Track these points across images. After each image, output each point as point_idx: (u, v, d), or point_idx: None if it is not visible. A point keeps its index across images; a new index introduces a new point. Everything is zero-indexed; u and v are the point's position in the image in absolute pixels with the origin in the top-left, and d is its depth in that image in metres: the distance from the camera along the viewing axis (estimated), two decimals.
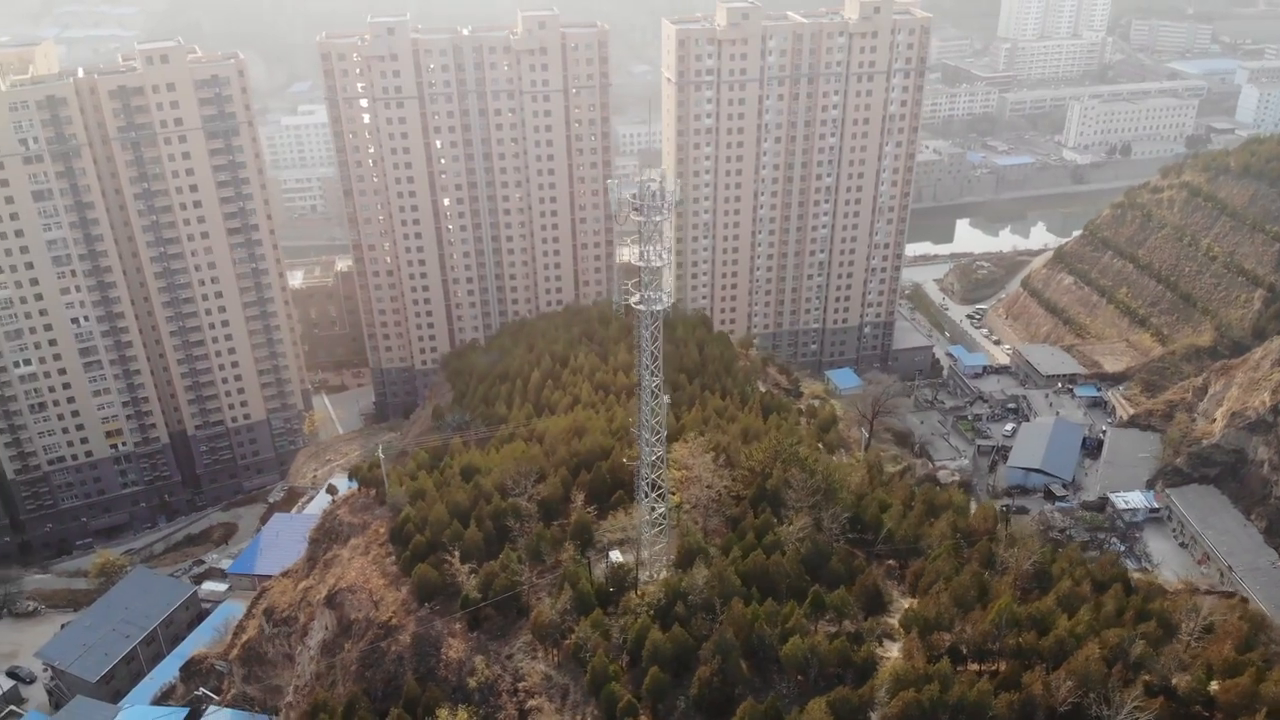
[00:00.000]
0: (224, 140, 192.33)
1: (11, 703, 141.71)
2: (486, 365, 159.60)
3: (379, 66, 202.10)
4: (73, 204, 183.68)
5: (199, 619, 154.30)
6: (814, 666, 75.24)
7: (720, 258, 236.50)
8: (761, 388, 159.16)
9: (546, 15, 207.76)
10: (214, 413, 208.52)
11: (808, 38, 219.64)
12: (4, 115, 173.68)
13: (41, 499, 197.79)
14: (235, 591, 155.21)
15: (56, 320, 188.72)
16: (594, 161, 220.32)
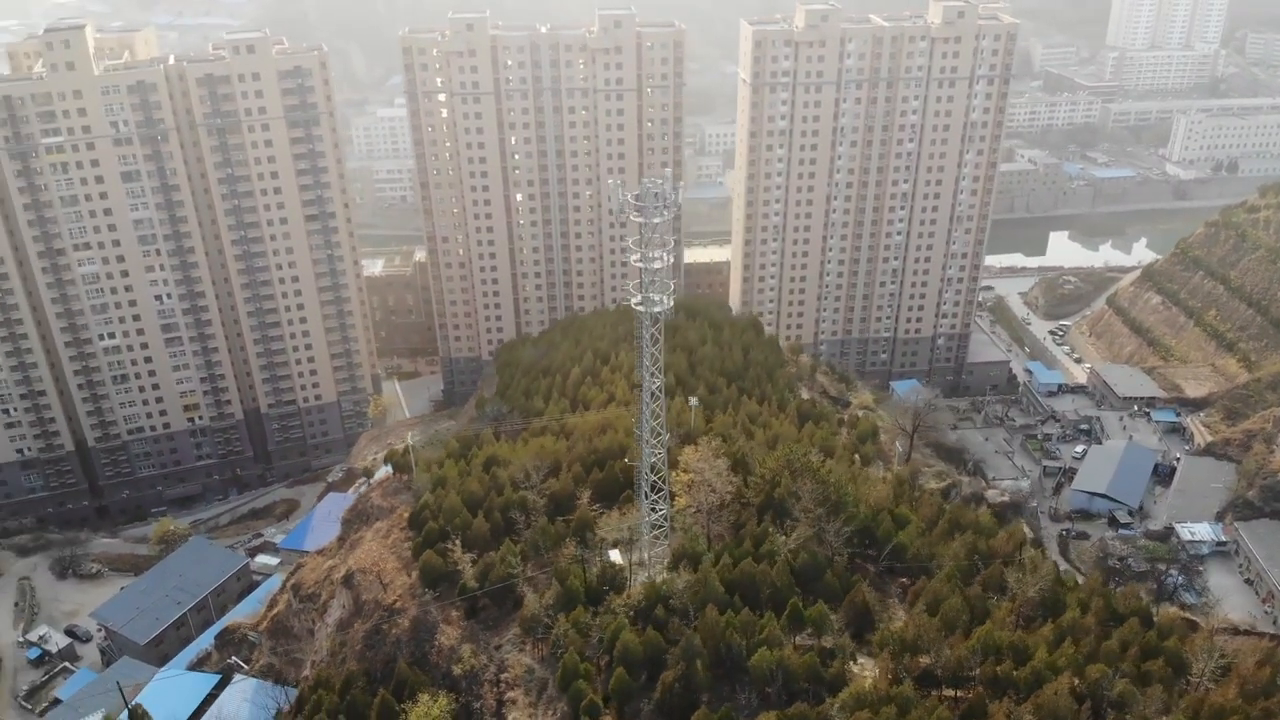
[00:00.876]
0: (304, 130, 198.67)
1: (67, 659, 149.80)
2: (532, 359, 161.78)
3: (457, 62, 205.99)
4: (159, 186, 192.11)
5: (249, 590, 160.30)
6: (778, 679, 74.55)
7: (789, 261, 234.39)
8: (805, 395, 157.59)
9: (623, 14, 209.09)
10: (286, 392, 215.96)
11: (888, 41, 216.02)
12: (96, 98, 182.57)
13: (120, 467, 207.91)
14: (284, 566, 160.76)
15: (141, 297, 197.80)
16: (665, 161, 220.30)
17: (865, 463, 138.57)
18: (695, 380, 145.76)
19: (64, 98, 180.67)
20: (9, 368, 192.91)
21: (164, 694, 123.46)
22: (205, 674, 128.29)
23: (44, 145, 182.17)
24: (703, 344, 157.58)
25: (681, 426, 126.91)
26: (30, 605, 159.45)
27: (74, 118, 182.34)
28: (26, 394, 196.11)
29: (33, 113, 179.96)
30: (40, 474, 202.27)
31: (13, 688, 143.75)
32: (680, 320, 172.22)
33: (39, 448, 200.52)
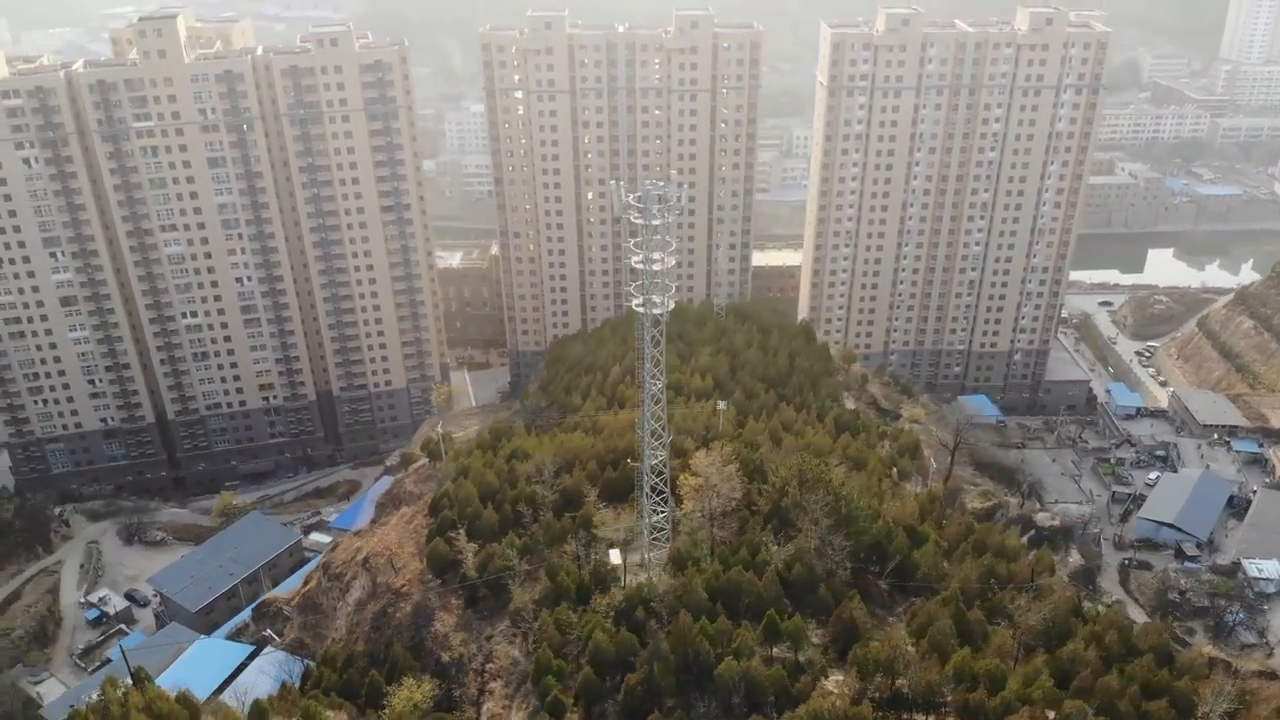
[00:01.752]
0: (383, 123, 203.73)
1: (123, 622, 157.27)
2: (578, 356, 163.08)
3: (535, 60, 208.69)
4: (243, 172, 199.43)
5: (300, 566, 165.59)
6: (741, 690, 73.84)
7: (861, 268, 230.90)
8: (849, 405, 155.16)
9: (700, 15, 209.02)
10: (358, 377, 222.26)
11: (971, 47, 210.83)
12: (186, 85, 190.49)
13: (197, 440, 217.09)
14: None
15: (222, 278, 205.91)
16: (737, 163, 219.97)
17: (902, 477, 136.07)
18: (734, 384, 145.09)
19: (155, 84, 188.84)
20: (96, 341, 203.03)
21: (200, 660, 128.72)
22: (241, 644, 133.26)
23: (135, 129, 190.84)
24: (748, 348, 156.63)
25: (710, 430, 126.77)
26: (95, 568, 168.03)
27: (164, 104, 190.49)
28: (111, 366, 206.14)
29: (125, 97, 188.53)
30: (121, 443, 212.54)
31: (70, 646, 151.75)
32: (729, 323, 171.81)
33: (121, 418, 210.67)
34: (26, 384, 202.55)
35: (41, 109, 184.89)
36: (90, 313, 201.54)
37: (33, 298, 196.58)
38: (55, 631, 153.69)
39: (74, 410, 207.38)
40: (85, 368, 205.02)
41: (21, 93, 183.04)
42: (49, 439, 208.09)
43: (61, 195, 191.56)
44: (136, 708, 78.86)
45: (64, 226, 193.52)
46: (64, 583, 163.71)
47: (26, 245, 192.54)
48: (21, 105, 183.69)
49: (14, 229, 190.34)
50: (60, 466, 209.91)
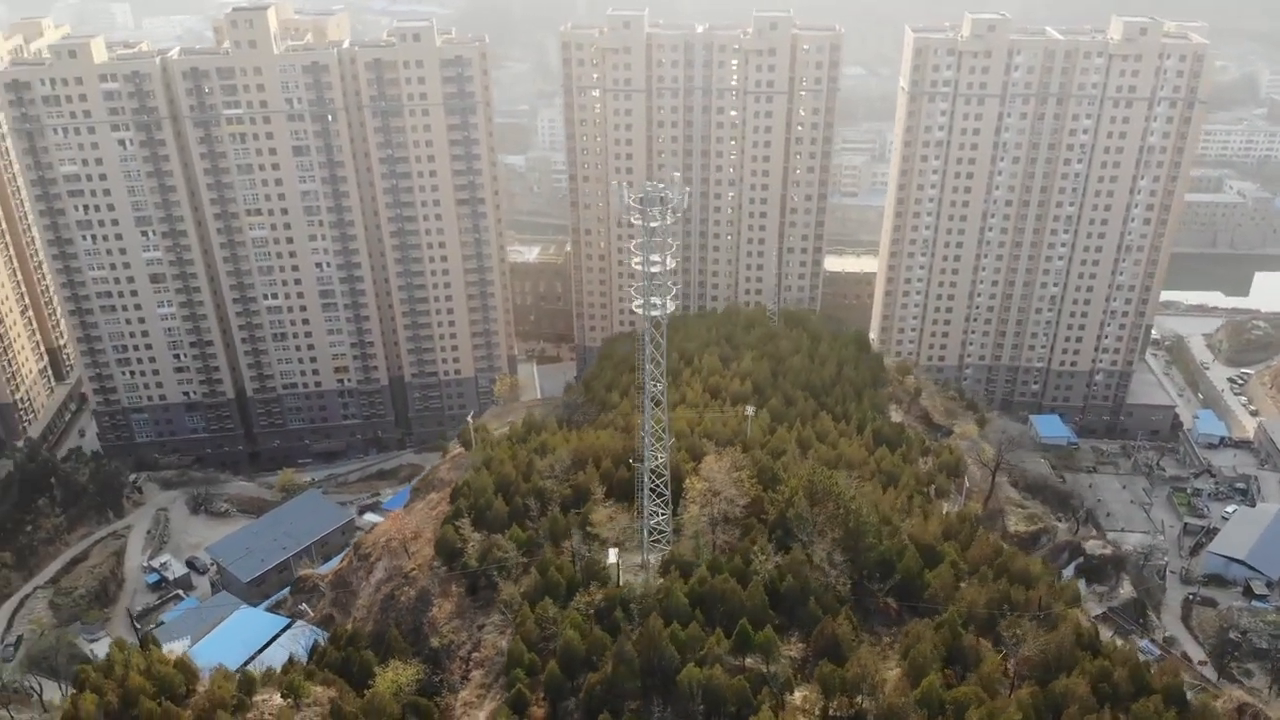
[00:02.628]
0: (461, 118, 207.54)
1: (181, 587, 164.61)
2: (624, 353, 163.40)
3: (612, 59, 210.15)
4: (325, 161, 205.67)
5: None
6: (698, 698, 73.39)
7: (937, 278, 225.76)
8: (897, 418, 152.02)
9: (780, 16, 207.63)
10: (429, 364, 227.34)
11: (1060, 55, 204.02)
12: (275, 75, 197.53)
13: (273, 417, 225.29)
14: None
15: (303, 263, 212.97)
16: (812, 166, 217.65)
17: (939, 495, 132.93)
18: (773, 391, 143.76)
19: (245, 73, 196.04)
20: (182, 317, 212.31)
21: (238, 628, 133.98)
22: (278, 616, 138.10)
23: (225, 115, 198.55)
24: (794, 354, 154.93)
25: (737, 435, 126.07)
26: (161, 535, 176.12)
27: (253, 92, 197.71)
28: (195, 342, 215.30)
29: (217, 84, 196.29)
30: (202, 416, 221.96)
31: (129, 607, 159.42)
32: (779, 328, 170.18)
33: (203, 393, 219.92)
34: (115, 355, 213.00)
35: (137, 93, 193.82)
36: (177, 290, 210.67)
37: (124, 273, 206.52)
38: (116, 593, 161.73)
39: (159, 383, 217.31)
40: (171, 342, 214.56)
41: (119, 77, 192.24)
42: (134, 409, 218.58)
43: (154, 177, 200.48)
44: (137, 669, 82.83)
45: (155, 207, 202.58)
46: (130, 546, 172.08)
47: (120, 223, 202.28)
48: (118, 89, 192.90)
49: (108, 207, 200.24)
50: (144, 436, 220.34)
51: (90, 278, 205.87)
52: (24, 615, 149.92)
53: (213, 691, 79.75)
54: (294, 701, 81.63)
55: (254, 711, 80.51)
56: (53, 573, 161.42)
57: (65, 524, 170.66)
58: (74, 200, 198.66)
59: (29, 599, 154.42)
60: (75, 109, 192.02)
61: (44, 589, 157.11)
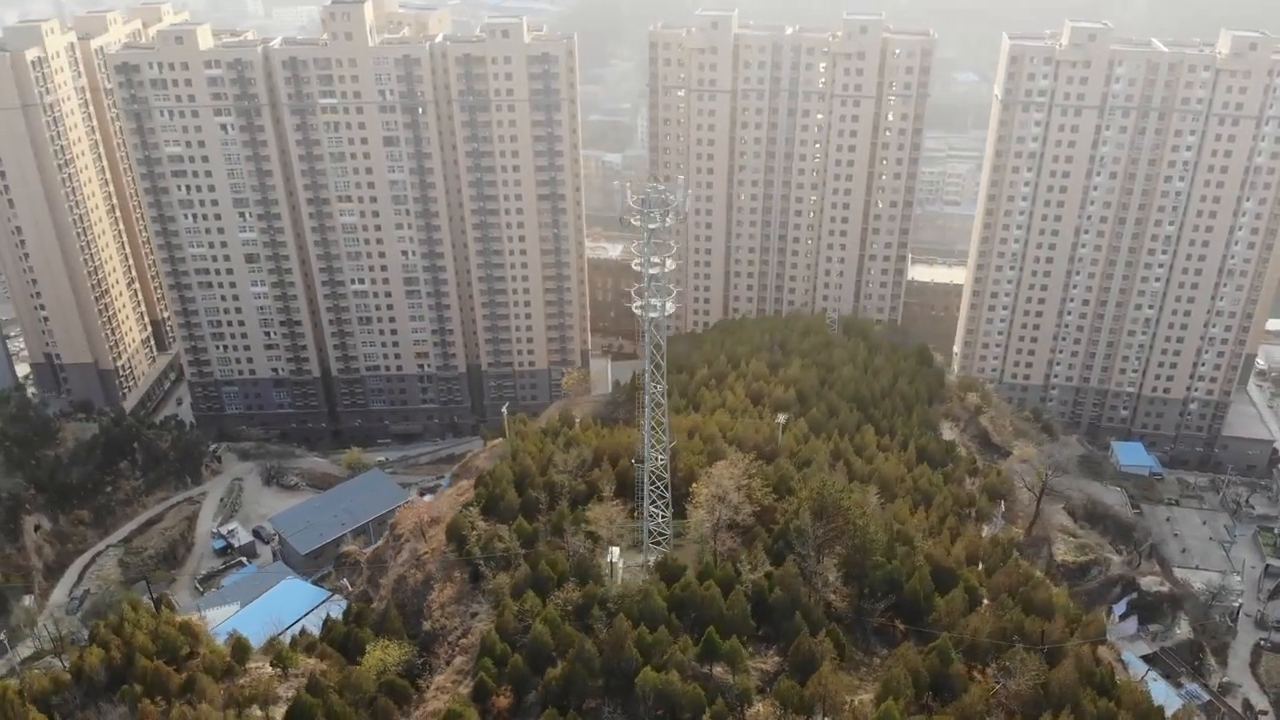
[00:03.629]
0: (546, 114, 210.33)
1: (245, 555, 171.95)
2: (679, 354, 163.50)
3: (698, 59, 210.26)
4: (414, 153, 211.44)
5: None
6: (649, 701, 73.09)
7: (1025, 293, 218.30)
8: (949, 435, 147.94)
9: (870, 19, 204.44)
10: (505, 354, 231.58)
11: (1164, 69, 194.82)
12: (369, 67, 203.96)
13: (356, 397, 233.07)
14: None
15: (389, 250, 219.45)
16: (898, 172, 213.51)
17: (980, 518, 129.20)
18: (818, 400, 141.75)
19: (340, 64, 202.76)
20: (273, 297, 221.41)
21: (281, 598, 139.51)
22: (320, 589, 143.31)
23: (321, 105, 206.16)
24: (846, 364, 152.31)
25: (769, 443, 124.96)
26: (232, 503, 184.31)
27: (348, 83, 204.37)
28: (285, 321, 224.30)
29: (314, 74, 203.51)
30: (288, 393, 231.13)
31: (195, 570, 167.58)
32: (836, 336, 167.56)
33: (290, 370, 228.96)
34: (210, 330, 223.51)
35: (239, 80, 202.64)
36: (270, 270, 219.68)
37: (221, 252, 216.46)
38: (185, 556, 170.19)
39: (249, 358, 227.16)
40: (262, 320, 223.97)
41: (222, 64, 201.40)
42: (225, 381, 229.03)
43: (252, 161, 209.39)
44: (144, 629, 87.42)
45: (252, 190, 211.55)
46: (203, 513, 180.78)
47: (219, 204, 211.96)
48: (222, 75, 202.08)
49: (209, 188, 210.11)
50: (233, 408, 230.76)
51: (190, 255, 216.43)
52: (94, 571, 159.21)
53: (207, 656, 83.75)
54: (282, 671, 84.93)
55: (245, 678, 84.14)
56: (127, 533, 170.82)
57: (144, 487, 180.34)
58: (177, 180, 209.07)
59: (101, 556, 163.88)
60: (180, 93, 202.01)
61: (116, 547, 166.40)
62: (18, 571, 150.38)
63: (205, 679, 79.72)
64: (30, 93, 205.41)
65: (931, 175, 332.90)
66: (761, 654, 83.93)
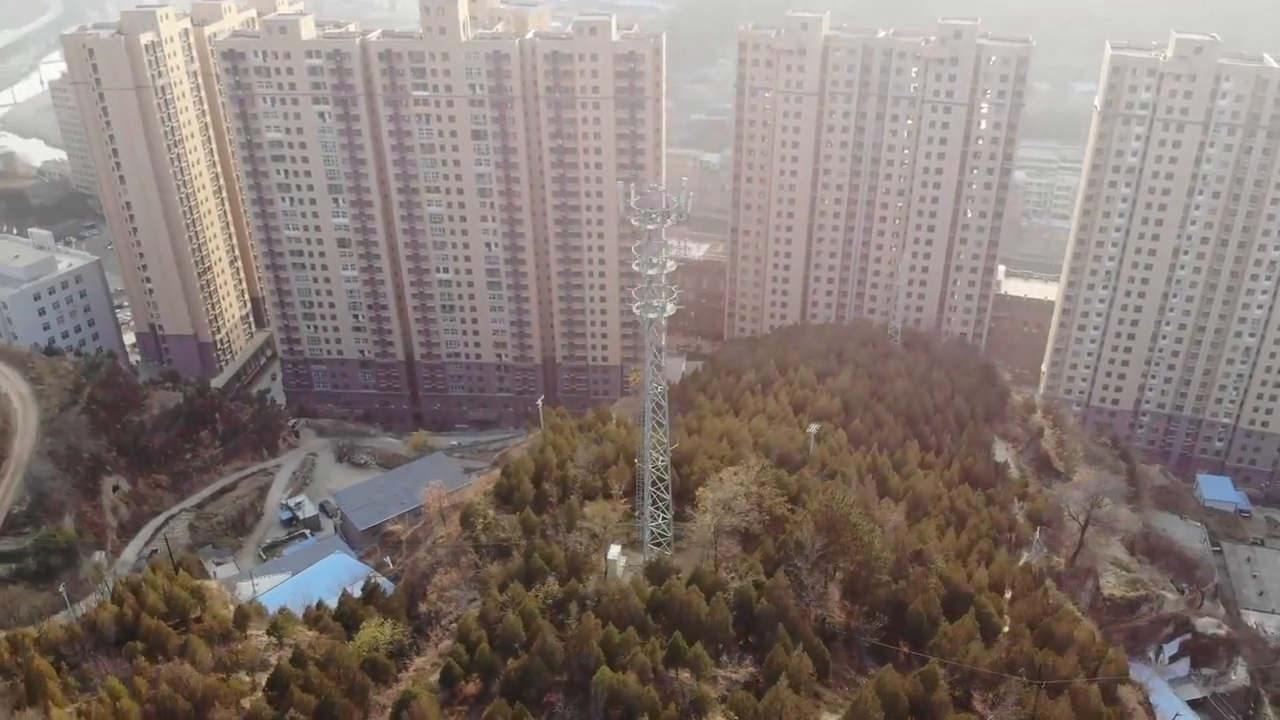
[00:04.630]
0: (630, 112, 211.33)
1: (309, 527, 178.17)
2: (731, 358, 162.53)
3: (786, 60, 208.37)
4: (500, 147, 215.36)
5: None
6: (599, 700, 73.07)
7: (1118, 314, 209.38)
8: (1004, 457, 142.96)
9: (965, 25, 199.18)
10: (579, 349, 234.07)
11: (1274, 85, 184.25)
12: (460, 61, 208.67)
13: (436, 382, 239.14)
14: None
15: (473, 241, 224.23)
16: (989, 182, 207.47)
17: (1020, 544, 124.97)
18: (864, 412, 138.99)
19: (433, 58, 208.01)
20: (362, 281, 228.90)
21: (327, 571, 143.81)
22: (363, 565, 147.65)
23: (414, 96, 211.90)
24: (901, 377, 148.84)
25: (801, 453, 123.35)
26: (304, 477, 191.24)
27: (439, 76, 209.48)
28: (372, 305, 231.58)
29: (408, 67, 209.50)
30: (373, 374, 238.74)
31: (260, 539, 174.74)
32: (896, 348, 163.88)
33: (375, 352, 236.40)
34: (302, 310, 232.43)
35: (337, 70, 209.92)
36: (360, 256, 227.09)
37: (315, 235, 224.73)
38: (252, 524, 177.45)
39: (338, 339, 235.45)
40: (351, 303, 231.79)
41: (322, 54, 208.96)
42: (314, 360, 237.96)
43: (346, 149, 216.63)
44: (155, 586, 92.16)
45: (346, 177, 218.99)
46: (275, 484, 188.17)
47: (315, 189, 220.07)
48: (321, 65, 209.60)
49: (305, 174, 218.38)
50: (321, 386, 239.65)
51: (286, 237, 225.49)
52: (165, 532, 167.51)
53: (207, 620, 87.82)
54: (276, 640, 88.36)
55: (240, 644, 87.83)
56: (200, 499, 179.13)
57: (222, 456, 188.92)
58: (276, 165, 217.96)
59: (174, 519, 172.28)
60: (282, 81, 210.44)
61: (188, 512, 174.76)
62: (92, 529, 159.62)
63: (198, 641, 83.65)
64: (143, 75, 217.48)
65: (1040, 187, 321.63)
66: (739, 664, 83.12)
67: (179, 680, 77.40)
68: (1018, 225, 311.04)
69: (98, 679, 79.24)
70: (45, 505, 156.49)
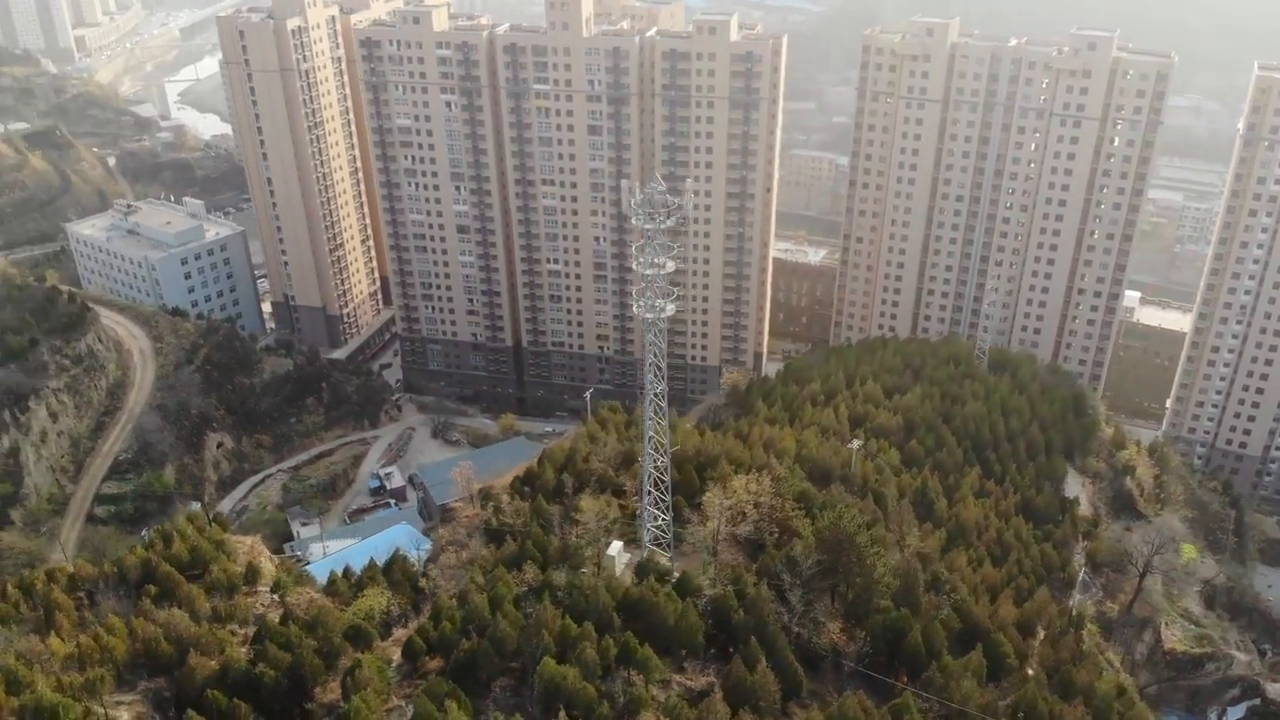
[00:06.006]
0: (743, 113, 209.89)
1: (395, 498, 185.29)
2: (802, 367, 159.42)
3: (910, 65, 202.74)
4: (614, 142, 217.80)
5: None
6: (535, 689, 73.45)
7: (1251, 351, 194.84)
8: (1078, 493, 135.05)
9: (1101, 36, 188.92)
10: (678, 347, 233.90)
11: None
12: (581, 57, 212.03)
13: (540, 369, 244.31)
14: None
15: (583, 234, 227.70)
16: (1119, 203, 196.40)
17: (1068, 584, 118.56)
18: (926, 433, 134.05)
19: (555, 53, 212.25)
20: (478, 267, 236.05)
21: (390, 539, 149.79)
22: (426, 537, 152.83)
23: (535, 90, 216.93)
24: (975, 399, 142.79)
25: (844, 469, 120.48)
26: (399, 449, 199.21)
27: (560, 71, 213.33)
28: (486, 291, 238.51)
29: (531, 61, 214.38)
30: (483, 357, 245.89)
31: (348, 505, 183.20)
32: (981, 369, 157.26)
33: (486, 336, 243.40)
34: (422, 291, 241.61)
35: (465, 62, 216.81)
36: (477, 243, 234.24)
37: (436, 220, 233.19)
38: (343, 489, 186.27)
39: (453, 321, 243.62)
40: (466, 288, 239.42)
41: (451, 45, 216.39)
42: (430, 340, 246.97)
43: (469, 139, 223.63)
44: (185, 537, 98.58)
45: (468, 165, 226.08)
46: (371, 454, 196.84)
47: (438, 176, 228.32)
48: (450, 56, 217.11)
49: (430, 160, 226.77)
50: (435, 365, 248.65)
51: (410, 220, 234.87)
52: (260, 490, 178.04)
53: (217, 573, 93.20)
54: (279, 598, 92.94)
55: (245, 599, 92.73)
56: (298, 461, 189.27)
57: (324, 423, 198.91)
58: (404, 150, 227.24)
59: (270, 478, 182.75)
60: (413, 70, 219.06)
61: (285, 473, 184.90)
62: (191, 481, 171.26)
63: (198, 592, 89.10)
64: (288, 58, 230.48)
65: (1198, 212, 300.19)
66: (702, 672, 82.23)
67: (170, 626, 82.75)
68: (1170, 251, 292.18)
69: (104, 617, 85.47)
70: (149, 455, 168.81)
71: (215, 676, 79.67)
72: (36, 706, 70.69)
